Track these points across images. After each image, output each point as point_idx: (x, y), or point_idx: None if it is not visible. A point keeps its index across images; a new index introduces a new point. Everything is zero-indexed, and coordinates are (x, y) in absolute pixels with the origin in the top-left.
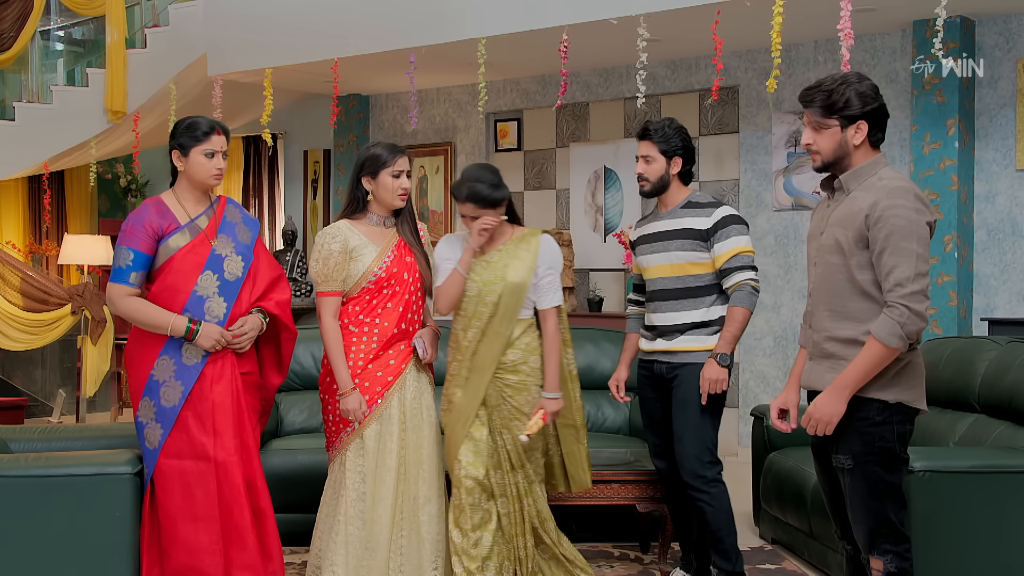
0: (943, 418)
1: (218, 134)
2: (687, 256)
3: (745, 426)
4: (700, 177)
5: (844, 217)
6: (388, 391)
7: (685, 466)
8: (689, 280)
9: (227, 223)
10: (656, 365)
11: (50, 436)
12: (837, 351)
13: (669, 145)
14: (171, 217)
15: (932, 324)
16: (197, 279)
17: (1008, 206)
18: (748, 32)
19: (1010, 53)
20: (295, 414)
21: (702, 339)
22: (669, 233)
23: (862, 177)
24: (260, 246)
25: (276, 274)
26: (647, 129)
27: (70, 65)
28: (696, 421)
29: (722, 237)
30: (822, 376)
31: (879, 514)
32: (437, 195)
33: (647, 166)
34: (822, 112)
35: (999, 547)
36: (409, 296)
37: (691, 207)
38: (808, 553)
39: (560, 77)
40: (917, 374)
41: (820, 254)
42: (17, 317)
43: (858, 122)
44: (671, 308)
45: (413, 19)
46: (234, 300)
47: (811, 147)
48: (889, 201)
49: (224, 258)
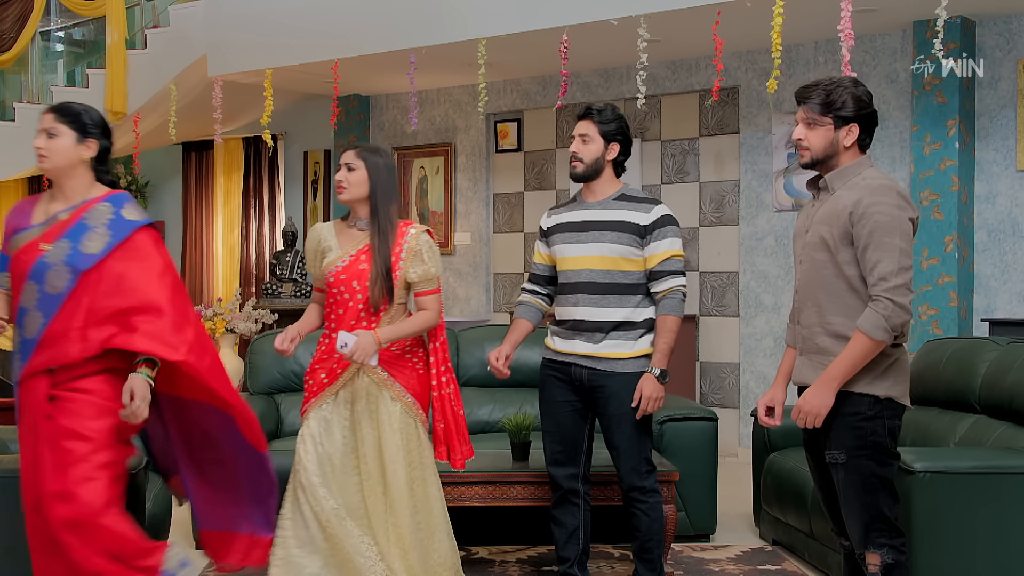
0: (944, 419)
1: (46, 113)
2: (622, 250)
3: (745, 427)
4: (700, 177)
5: (829, 215)
6: (322, 392)
7: (624, 479)
8: (619, 276)
9: (80, 227)
10: (575, 369)
11: None
12: (826, 346)
13: (608, 128)
14: (27, 215)
15: (932, 325)
16: (22, 288)
17: (1009, 207)
18: (748, 32)
19: (1010, 53)
20: (295, 415)
21: (629, 344)
22: (603, 224)
23: (846, 176)
24: (126, 256)
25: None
26: (589, 109)
27: (70, 66)
28: (633, 434)
29: (658, 237)
30: (813, 371)
31: (873, 508)
32: (437, 195)
33: (583, 146)
34: (819, 109)
35: (1000, 548)
36: (356, 305)
37: (626, 200)
38: (808, 554)
39: (560, 78)
40: (904, 371)
41: (806, 251)
42: None
43: (851, 124)
44: (596, 303)
45: (413, 19)
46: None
47: (802, 143)
48: (872, 198)
49: (50, 268)
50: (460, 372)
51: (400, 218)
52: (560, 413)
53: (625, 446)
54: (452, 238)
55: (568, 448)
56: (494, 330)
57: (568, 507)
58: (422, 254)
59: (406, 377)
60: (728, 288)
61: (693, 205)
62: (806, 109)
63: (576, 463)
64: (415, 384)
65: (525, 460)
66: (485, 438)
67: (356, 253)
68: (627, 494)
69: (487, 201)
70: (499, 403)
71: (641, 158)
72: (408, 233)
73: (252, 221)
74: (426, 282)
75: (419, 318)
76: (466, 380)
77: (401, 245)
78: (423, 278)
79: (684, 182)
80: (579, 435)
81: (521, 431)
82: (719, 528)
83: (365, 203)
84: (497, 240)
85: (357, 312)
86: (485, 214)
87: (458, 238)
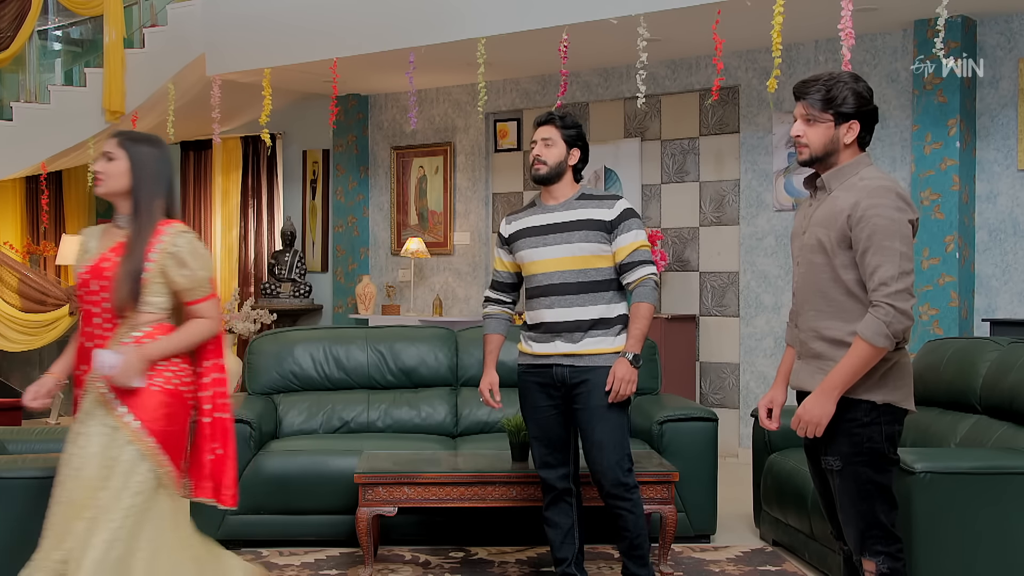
0: (944, 419)
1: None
2: (592, 248)
3: (745, 427)
4: (700, 177)
5: (826, 217)
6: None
7: (608, 475)
8: (592, 273)
9: None
10: (557, 370)
11: (48, 437)
12: (824, 351)
13: (570, 134)
14: None
15: (933, 325)
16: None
17: (1009, 206)
18: (749, 32)
19: (1011, 53)
20: (294, 415)
21: (608, 340)
22: (568, 224)
23: (844, 176)
24: None
25: None
26: (551, 115)
27: (68, 65)
28: (616, 426)
29: (624, 230)
30: (811, 377)
31: (869, 515)
32: (437, 195)
33: (547, 149)
34: (821, 105)
35: (1000, 548)
36: (95, 309)
37: (588, 199)
38: (809, 554)
39: (560, 77)
40: (905, 374)
41: (803, 253)
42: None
43: (851, 121)
44: (571, 303)
45: (413, 19)
46: None
47: (800, 139)
48: (870, 201)
49: None
50: (460, 372)
51: (173, 217)
52: (544, 418)
53: (608, 439)
54: (451, 238)
55: (556, 451)
56: None
57: (561, 507)
58: (182, 257)
59: (139, 399)
60: (728, 288)
61: (693, 205)
62: (805, 105)
63: (566, 464)
64: (150, 408)
65: (525, 460)
66: (485, 438)
67: (105, 253)
68: (610, 492)
69: (486, 201)
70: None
71: (641, 158)
72: (164, 233)
73: (250, 221)
74: (199, 288)
75: (194, 328)
76: (465, 380)
77: (154, 246)
78: (193, 284)
79: (684, 182)
80: (566, 437)
81: (520, 431)
82: (719, 529)
83: (127, 198)
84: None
85: (90, 314)
86: (484, 214)
87: (457, 238)
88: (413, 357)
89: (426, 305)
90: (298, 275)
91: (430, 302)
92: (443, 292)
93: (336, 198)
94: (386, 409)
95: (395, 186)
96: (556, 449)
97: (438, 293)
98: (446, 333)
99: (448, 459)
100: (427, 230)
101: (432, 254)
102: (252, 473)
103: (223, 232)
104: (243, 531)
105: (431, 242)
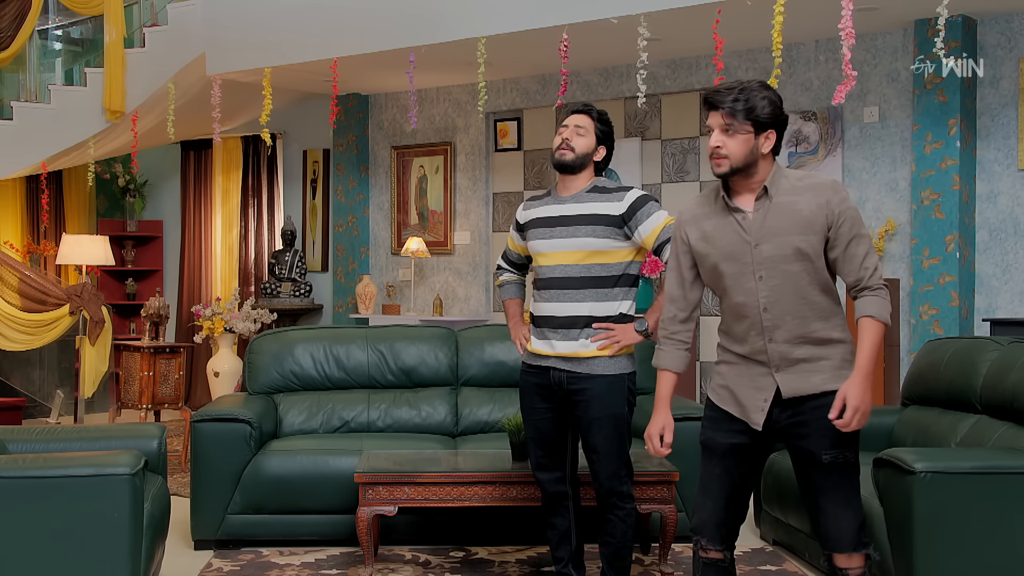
0: (945, 419)
1: None
2: (599, 243)
3: None
4: (701, 177)
5: (797, 224)
6: None
7: (604, 484)
8: (597, 269)
9: None
10: (554, 373)
11: (48, 437)
12: (812, 354)
13: (604, 130)
14: None
15: (934, 324)
16: None
17: (1010, 206)
18: (749, 31)
19: (1012, 52)
20: (294, 415)
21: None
22: (577, 218)
23: (779, 182)
24: None
25: None
26: (589, 106)
27: (68, 64)
28: (614, 436)
29: (643, 217)
30: (806, 379)
31: (860, 507)
32: (437, 195)
33: (578, 136)
34: (743, 116)
35: (1001, 548)
36: None
37: (598, 192)
38: (809, 554)
39: (560, 77)
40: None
41: (770, 265)
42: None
43: (769, 130)
44: (571, 298)
45: (413, 18)
46: None
47: (720, 151)
48: (835, 196)
49: None
50: (460, 372)
51: None
52: (540, 420)
53: (606, 449)
54: (451, 237)
55: (551, 453)
56: (493, 330)
57: (558, 509)
58: None
59: None
60: None
61: None
62: (725, 114)
63: (561, 467)
64: None
65: (525, 460)
66: (485, 438)
67: None
68: (605, 498)
69: (487, 200)
70: (499, 403)
71: (641, 157)
72: None
73: (251, 220)
74: None
75: None
76: (466, 380)
77: None
78: None
79: (684, 181)
80: (561, 440)
81: (521, 431)
82: None
83: None
84: (497, 239)
85: None
86: (485, 213)
87: (457, 237)
88: (413, 357)
89: (426, 305)
90: (298, 275)
91: (430, 302)
92: (443, 292)
93: (336, 198)
94: (386, 409)
95: (395, 186)
96: (551, 452)
97: (438, 293)
98: (446, 333)
99: (448, 459)
100: (427, 230)
101: (432, 254)
102: (252, 473)
103: (223, 232)
104: (243, 531)
105: (431, 242)
